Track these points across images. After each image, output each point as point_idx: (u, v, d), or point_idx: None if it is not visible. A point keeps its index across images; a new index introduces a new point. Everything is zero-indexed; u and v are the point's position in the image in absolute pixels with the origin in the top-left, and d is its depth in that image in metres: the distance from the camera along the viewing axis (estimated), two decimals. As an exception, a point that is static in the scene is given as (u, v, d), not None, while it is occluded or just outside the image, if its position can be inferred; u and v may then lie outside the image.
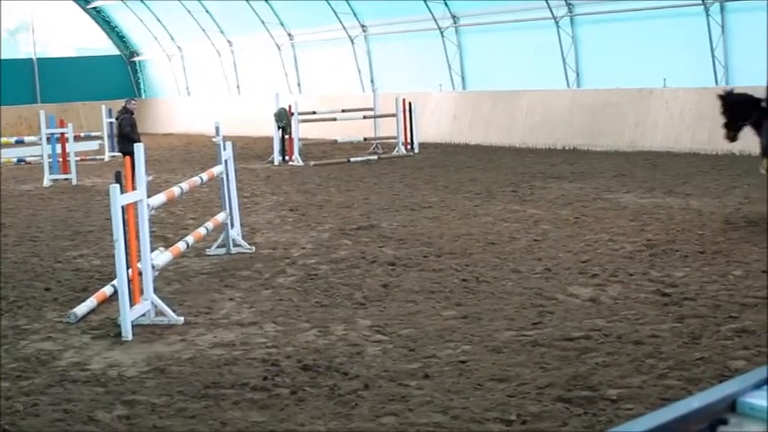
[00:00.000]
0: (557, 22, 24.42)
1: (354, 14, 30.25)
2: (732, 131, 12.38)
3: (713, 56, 21.06)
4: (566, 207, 13.89)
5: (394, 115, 24.06)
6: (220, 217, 11.27)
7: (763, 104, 11.86)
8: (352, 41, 30.90)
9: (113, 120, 25.20)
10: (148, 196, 8.58)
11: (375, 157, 23.36)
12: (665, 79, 21.82)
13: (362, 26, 30.47)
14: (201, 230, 10.81)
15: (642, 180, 16.46)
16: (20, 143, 25.07)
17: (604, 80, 23.75)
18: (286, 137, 23.67)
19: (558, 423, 5.46)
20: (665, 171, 17.52)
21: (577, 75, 24.57)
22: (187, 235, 10.99)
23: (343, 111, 25.21)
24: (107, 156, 26.98)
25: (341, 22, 30.56)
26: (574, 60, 24.61)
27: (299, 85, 33.84)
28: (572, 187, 16.06)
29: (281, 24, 33.23)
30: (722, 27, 20.98)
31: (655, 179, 16.49)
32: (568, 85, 24.65)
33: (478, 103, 26.54)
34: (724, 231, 11.35)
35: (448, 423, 5.56)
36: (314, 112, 25.01)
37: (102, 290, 9.23)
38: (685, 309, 7.89)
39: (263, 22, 33.36)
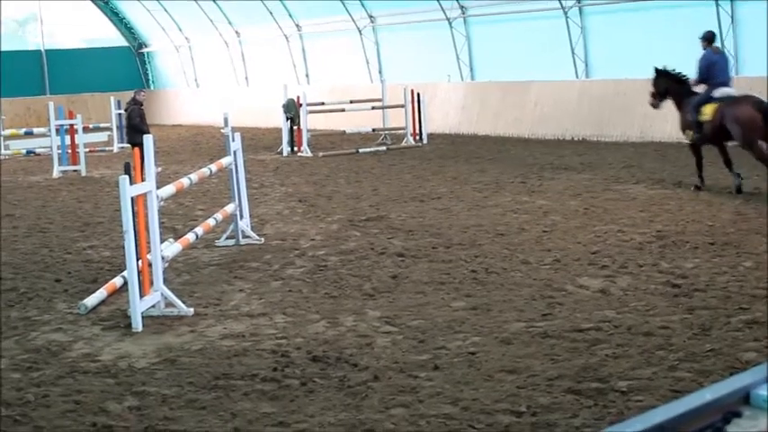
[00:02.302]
0: (565, 13, 24.34)
1: (362, 5, 30.20)
2: (657, 100, 15.01)
3: (723, 46, 20.96)
4: (575, 198, 13.87)
5: (402, 106, 24.04)
6: (229, 208, 11.28)
7: (688, 87, 14.37)
8: (360, 32, 30.85)
9: (122, 111, 25.24)
10: (158, 187, 8.59)
11: (384, 147, 23.35)
12: (674, 70, 21.71)
13: (370, 16, 30.41)
14: (211, 221, 10.83)
15: (651, 171, 16.42)
16: (29, 134, 25.15)
17: (613, 71, 23.65)
18: (294, 128, 23.66)
19: (569, 414, 5.45)
20: (675, 162, 17.46)
21: (586, 65, 24.50)
22: (196, 226, 11.01)
23: (351, 101, 25.19)
24: (116, 147, 27.01)
25: (349, 12, 30.51)
26: (582, 51, 24.53)
27: (307, 75, 33.81)
28: (581, 178, 16.04)
29: (289, 15, 33.20)
30: (731, 18, 20.89)
31: (664, 170, 16.45)
32: (577, 75, 24.58)
33: (487, 93, 26.50)
34: (734, 222, 11.31)
35: (458, 414, 5.56)
36: (322, 103, 24.98)
37: (112, 281, 9.25)
38: (695, 300, 7.88)
39: (270, 13, 33.33)
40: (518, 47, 26.08)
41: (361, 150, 22.72)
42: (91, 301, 8.59)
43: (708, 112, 13.70)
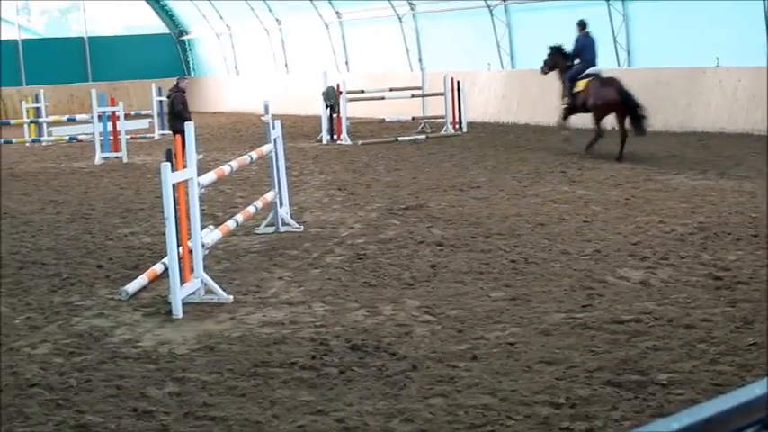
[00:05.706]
0: (607, 0, 24.09)
1: (403, -7, 30.11)
2: (546, 70, 19.10)
3: (768, 34, 20.63)
4: (615, 188, 13.75)
5: (442, 94, 23.95)
6: (269, 196, 11.33)
7: (569, 62, 18.43)
8: (400, 20, 30.77)
9: (163, 98, 25.40)
10: (198, 175, 8.64)
11: (423, 136, 23.29)
12: (717, 58, 21.44)
13: (410, 4, 30.30)
14: (250, 209, 10.88)
15: (694, 161, 16.23)
16: (72, 121, 25.39)
17: (656, 59, 23.37)
18: (334, 116, 23.68)
19: (608, 407, 5.42)
20: (718, 152, 17.24)
21: (628, 53, 24.24)
22: (236, 213, 11.08)
23: (391, 90, 25.13)
24: (157, 134, 27.22)
25: (389, 0, 30.42)
26: (624, 39, 24.27)
27: (346, 63, 33.80)
28: (622, 168, 15.89)
29: (329, 2, 33.19)
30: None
31: (707, 160, 16.25)
32: (619, 64, 24.31)
33: (527, 82, 26.30)
34: (778, 214, 11.15)
35: (496, 405, 5.55)
36: (362, 91, 24.97)
37: (153, 267, 9.33)
38: (738, 293, 7.78)
39: (311, 1, 33.34)
40: (559, 35, 25.70)
41: (400, 139, 22.67)
42: (132, 287, 8.68)
43: (581, 85, 17.75)
